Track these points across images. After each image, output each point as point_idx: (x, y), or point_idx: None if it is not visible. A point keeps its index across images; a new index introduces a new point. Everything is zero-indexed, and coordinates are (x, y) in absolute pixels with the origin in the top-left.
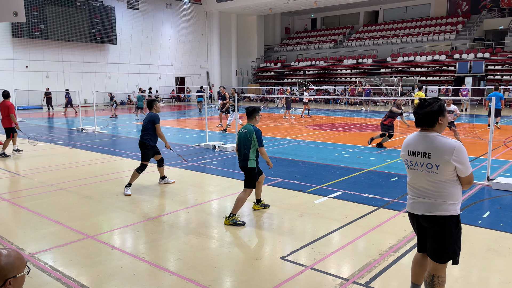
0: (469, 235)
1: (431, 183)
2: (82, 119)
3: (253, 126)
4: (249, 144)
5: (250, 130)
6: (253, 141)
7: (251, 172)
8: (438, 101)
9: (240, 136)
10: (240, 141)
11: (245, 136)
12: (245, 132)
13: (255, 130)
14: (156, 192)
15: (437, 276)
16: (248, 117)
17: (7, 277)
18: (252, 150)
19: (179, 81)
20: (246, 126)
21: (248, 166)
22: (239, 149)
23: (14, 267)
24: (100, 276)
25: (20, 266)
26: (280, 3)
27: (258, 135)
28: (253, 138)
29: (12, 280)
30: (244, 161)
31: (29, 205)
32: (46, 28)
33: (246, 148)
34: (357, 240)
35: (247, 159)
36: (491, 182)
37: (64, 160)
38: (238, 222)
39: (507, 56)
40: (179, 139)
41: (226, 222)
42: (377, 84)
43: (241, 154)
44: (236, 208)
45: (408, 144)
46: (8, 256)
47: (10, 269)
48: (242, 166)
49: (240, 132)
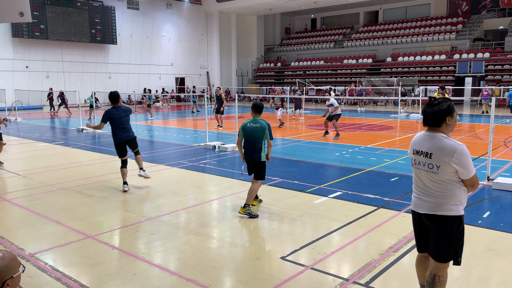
0: (469, 235)
1: (434, 183)
2: (82, 119)
3: (264, 120)
4: (261, 138)
5: (262, 124)
6: (265, 135)
7: (263, 165)
8: (447, 101)
9: (252, 130)
10: (250, 135)
11: (257, 130)
12: (257, 126)
13: (267, 124)
14: (156, 192)
15: (438, 275)
16: (257, 112)
17: (5, 279)
18: (263, 143)
19: (179, 81)
20: (256, 120)
21: (261, 160)
22: (249, 142)
23: (10, 268)
24: (100, 276)
25: (15, 266)
26: (280, 3)
27: (270, 129)
28: (265, 132)
29: (10, 281)
30: (256, 155)
31: (29, 205)
32: (46, 28)
33: (258, 142)
34: (357, 240)
35: (260, 152)
36: (491, 182)
37: (64, 160)
38: (253, 214)
39: (507, 56)
40: (179, 139)
41: (241, 212)
42: (377, 84)
43: (252, 148)
44: (250, 198)
45: (414, 142)
46: (3, 259)
47: (6, 272)
48: (254, 160)
49: (250, 126)
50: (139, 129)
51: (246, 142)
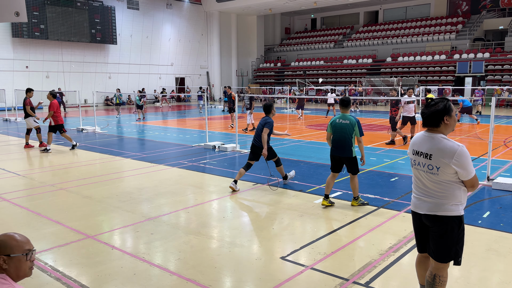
0: (469, 235)
1: (434, 183)
2: (82, 119)
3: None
4: (351, 134)
5: (352, 121)
6: (355, 131)
7: (355, 160)
8: (444, 101)
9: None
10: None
11: (346, 126)
12: (346, 122)
13: (357, 121)
14: (156, 192)
15: (438, 275)
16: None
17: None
18: (353, 139)
19: (179, 81)
20: (345, 116)
21: (352, 155)
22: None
23: (7, 245)
24: (100, 276)
25: (14, 247)
26: (280, 3)
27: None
28: (355, 128)
29: (7, 258)
30: (348, 151)
31: (29, 205)
32: (46, 28)
33: (348, 139)
34: (357, 240)
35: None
36: (491, 182)
37: (64, 160)
38: (365, 202)
39: (507, 56)
40: (179, 139)
41: (354, 204)
42: (377, 84)
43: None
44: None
45: (414, 143)
46: (5, 235)
47: (2, 246)
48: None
49: (340, 122)
50: (139, 129)
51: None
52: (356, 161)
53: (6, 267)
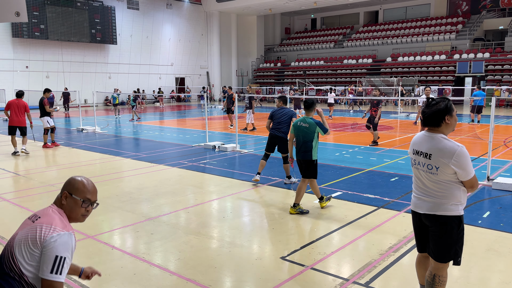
0: (469, 235)
1: (433, 183)
2: (82, 119)
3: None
4: (312, 137)
5: (311, 124)
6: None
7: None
8: (445, 100)
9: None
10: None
11: (306, 129)
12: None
13: (318, 122)
14: (156, 192)
15: (438, 275)
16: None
17: (65, 189)
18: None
19: (179, 81)
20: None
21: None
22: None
23: (73, 185)
24: (100, 276)
25: (79, 190)
26: (280, 3)
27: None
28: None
29: (68, 196)
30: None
31: (29, 205)
32: (46, 28)
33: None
34: (357, 240)
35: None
36: (491, 182)
37: (64, 160)
38: (304, 210)
39: (507, 56)
40: (179, 139)
41: (292, 211)
42: (377, 84)
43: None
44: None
45: (414, 142)
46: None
47: (68, 184)
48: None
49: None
50: (139, 129)
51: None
52: (314, 166)
53: (64, 203)
